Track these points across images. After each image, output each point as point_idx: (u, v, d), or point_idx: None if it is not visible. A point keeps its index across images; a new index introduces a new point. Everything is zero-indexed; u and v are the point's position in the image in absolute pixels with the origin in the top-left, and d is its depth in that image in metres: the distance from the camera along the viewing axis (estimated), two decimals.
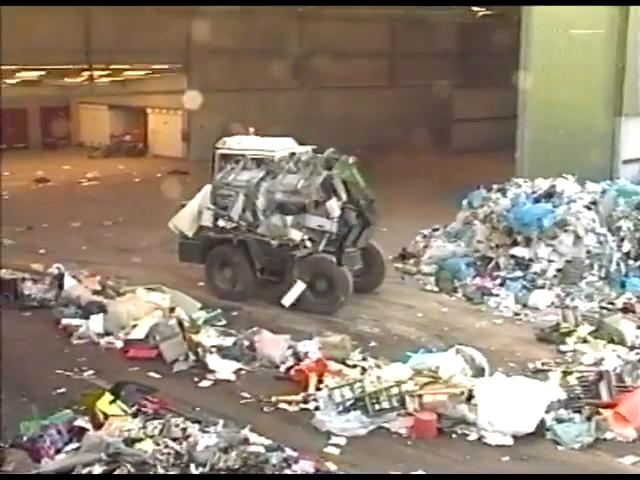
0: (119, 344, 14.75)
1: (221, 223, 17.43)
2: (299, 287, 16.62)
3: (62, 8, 30.05)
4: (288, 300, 16.61)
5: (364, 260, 17.74)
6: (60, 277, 17.30)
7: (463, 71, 42.88)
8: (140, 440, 10.66)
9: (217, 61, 34.65)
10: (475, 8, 34.67)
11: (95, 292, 16.80)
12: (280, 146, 18.17)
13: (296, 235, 16.80)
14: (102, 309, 15.68)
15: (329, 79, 38.17)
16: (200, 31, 34.59)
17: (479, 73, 40.70)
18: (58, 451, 10.59)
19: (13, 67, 32.73)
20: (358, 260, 17.54)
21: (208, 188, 17.68)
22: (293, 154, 17.74)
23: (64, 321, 15.63)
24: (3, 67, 32.12)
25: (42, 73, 34.96)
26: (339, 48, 37.97)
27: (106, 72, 35.77)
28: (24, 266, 18.64)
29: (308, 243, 16.82)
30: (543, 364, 13.89)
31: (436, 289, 18.33)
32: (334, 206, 16.72)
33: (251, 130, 19.65)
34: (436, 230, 21.07)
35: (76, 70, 34.69)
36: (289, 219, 16.89)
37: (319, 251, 16.79)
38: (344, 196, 16.88)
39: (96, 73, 35.03)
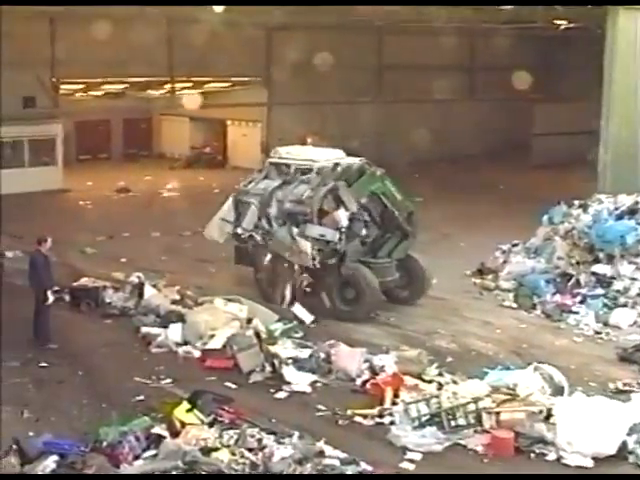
0: (197, 354, 14.89)
1: (239, 230, 17.67)
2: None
3: (145, 20, 30.61)
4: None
5: (405, 272, 17.66)
6: (140, 286, 17.58)
7: (544, 85, 42.34)
8: (216, 449, 10.77)
9: (297, 74, 34.86)
10: (557, 21, 34.18)
11: (174, 302, 17.03)
12: (325, 157, 18.17)
13: (305, 245, 16.83)
14: (181, 318, 15.87)
15: (408, 92, 38.06)
16: (280, 45, 35.02)
17: (561, 87, 40.15)
18: (136, 457, 10.74)
19: (99, 80, 33.48)
20: (392, 271, 17.48)
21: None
22: (337, 165, 17.73)
23: (143, 329, 15.86)
24: (90, 80, 33.02)
25: (126, 85, 35.63)
26: (418, 61, 37.88)
27: (187, 85, 36.30)
28: (105, 274, 19.03)
29: (316, 253, 16.86)
30: (625, 385, 13.61)
31: (514, 305, 18.10)
32: (341, 216, 16.78)
33: (308, 140, 19.71)
34: (515, 245, 20.79)
35: (158, 82, 35.28)
36: (295, 229, 17.00)
37: (325, 260, 16.81)
38: (353, 207, 16.94)
39: (178, 85, 35.56)
